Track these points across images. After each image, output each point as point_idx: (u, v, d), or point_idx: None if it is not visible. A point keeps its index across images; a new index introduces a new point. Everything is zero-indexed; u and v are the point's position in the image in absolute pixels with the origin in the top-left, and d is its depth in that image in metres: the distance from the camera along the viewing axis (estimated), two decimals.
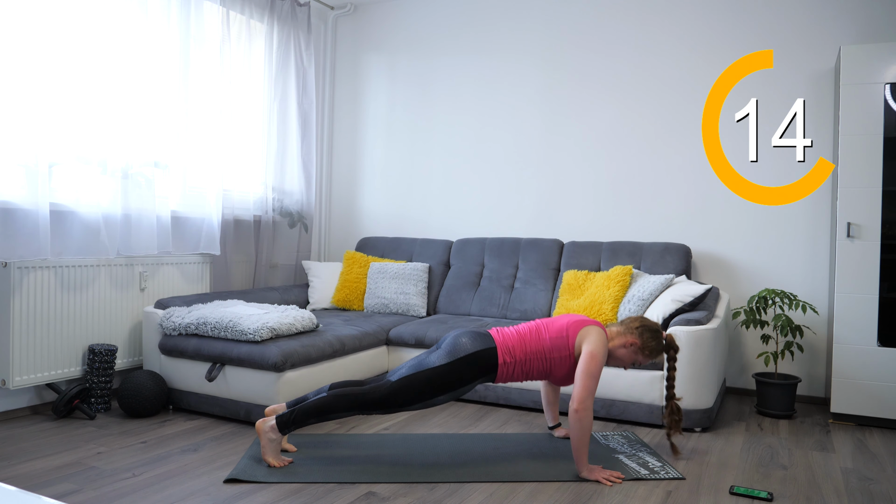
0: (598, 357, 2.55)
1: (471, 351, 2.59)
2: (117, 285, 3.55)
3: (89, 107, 3.36)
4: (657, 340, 2.70)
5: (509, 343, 2.64)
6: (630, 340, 2.68)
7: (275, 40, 4.50)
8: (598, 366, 2.54)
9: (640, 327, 2.70)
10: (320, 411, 2.55)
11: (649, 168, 4.19)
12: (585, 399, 2.50)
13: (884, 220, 3.32)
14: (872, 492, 2.47)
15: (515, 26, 4.59)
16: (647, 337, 2.68)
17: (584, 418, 2.49)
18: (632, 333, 2.69)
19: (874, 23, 3.68)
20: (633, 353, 2.69)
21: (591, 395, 2.51)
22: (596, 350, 2.56)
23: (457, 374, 2.57)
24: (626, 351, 2.69)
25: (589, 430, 2.51)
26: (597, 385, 2.54)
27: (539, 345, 2.64)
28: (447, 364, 2.56)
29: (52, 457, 2.65)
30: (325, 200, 5.20)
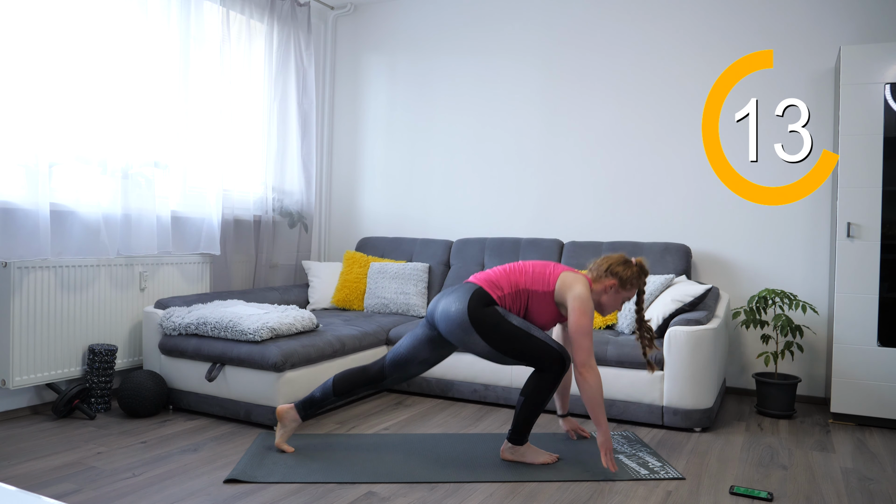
0: (587, 310, 2.56)
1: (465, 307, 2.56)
2: (117, 285, 3.55)
3: (89, 107, 3.36)
4: (630, 269, 2.69)
5: (493, 278, 2.67)
6: (608, 283, 2.68)
7: (275, 40, 4.50)
8: (589, 320, 2.55)
9: (608, 267, 2.69)
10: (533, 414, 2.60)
11: (649, 168, 4.19)
12: (586, 359, 2.52)
13: (884, 220, 3.32)
14: (872, 492, 2.48)
15: (515, 26, 4.59)
16: (620, 271, 2.67)
17: (588, 377, 2.51)
18: (606, 276, 2.69)
19: (874, 23, 3.68)
20: (617, 293, 2.69)
21: (589, 353, 2.53)
22: (582, 305, 2.56)
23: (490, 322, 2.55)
24: (609, 295, 2.69)
25: (599, 389, 2.52)
26: (592, 341, 2.55)
27: (522, 278, 2.66)
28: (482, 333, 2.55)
29: (52, 457, 2.65)
30: (325, 200, 5.20)
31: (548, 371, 2.58)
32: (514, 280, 2.67)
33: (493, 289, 2.64)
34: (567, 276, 2.65)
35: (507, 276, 2.68)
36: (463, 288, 2.65)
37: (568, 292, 2.60)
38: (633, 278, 2.69)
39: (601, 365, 3.32)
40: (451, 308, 2.60)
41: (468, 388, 3.63)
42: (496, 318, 2.56)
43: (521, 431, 2.64)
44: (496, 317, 2.57)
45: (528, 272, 2.68)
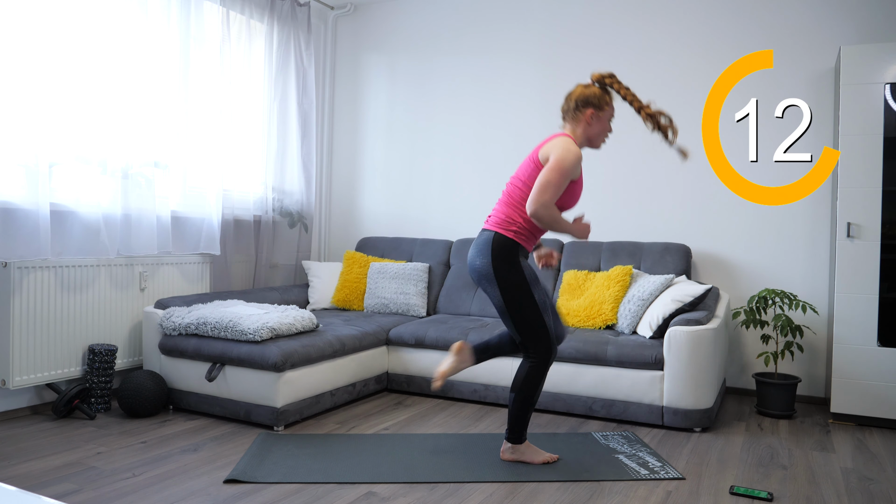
0: (564, 164, 2.43)
1: (489, 261, 2.52)
2: (117, 285, 3.55)
3: (89, 107, 3.36)
4: (593, 90, 2.58)
5: (501, 216, 2.57)
6: (585, 116, 2.57)
7: (275, 40, 4.50)
8: (560, 173, 2.43)
9: (576, 99, 2.58)
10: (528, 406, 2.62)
11: (649, 168, 4.19)
12: (537, 199, 2.42)
13: (884, 220, 3.32)
14: (872, 492, 2.48)
15: (515, 26, 4.59)
16: (588, 96, 2.57)
17: (540, 214, 2.43)
18: (579, 111, 2.58)
19: (874, 23, 3.68)
20: (598, 120, 2.58)
21: (542, 195, 2.42)
22: (562, 157, 2.44)
23: (512, 282, 2.51)
24: (592, 125, 2.58)
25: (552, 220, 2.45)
26: (555, 193, 2.43)
27: (523, 192, 2.54)
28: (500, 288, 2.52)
29: (52, 457, 2.65)
30: (325, 200, 5.20)
31: (534, 355, 2.58)
32: (518, 201, 2.55)
33: (508, 226, 2.54)
34: (547, 145, 2.52)
35: (511, 203, 2.56)
36: (482, 237, 2.58)
37: (550, 153, 2.48)
38: (601, 96, 2.58)
39: (601, 365, 3.32)
40: (475, 261, 2.58)
41: (468, 388, 3.63)
42: (520, 278, 2.51)
43: (517, 429, 2.65)
44: (520, 277, 2.52)
45: (521, 182, 2.56)
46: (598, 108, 2.59)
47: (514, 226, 2.54)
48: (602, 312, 3.67)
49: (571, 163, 2.46)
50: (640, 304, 3.53)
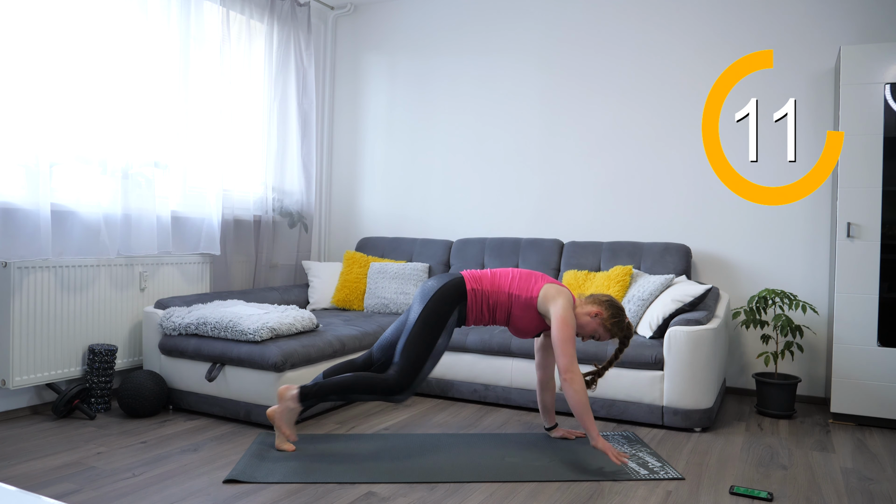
0: (569, 321, 2.62)
1: (438, 286, 2.71)
2: (117, 285, 3.55)
3: (89, 107, 3.36)
4: (620, 318, 2.74)
5: (477, 275, 2.78)
6: (595, 310, 2.73)
7: (275, 40, 4.50)
8: (571, 329, 2.62)
9: (607, 301, 2.76)
10: (343, 391, 2.65)
11: (649, 168, 4.19)
12: (569, 364, 2.57)
13: (884, 220, 3.32)
14: (872, 492, 2.48)
15: (515, 26, 4.59)
16: (612, 312, 2.74)
17: (572, 382, 2.55)
18: (599, 304, 2.75)
19: (874, 23, 3.68)
20: (596, 324, 2.73)
21: (572, 359, 2.57)
22: (565, 314, 2.62)
23: (435, 313, 2.67)
24: (590, 320, 2.73)
25: (584, 394, 2.56)
26: (575, 348, 2.61)
27: (507, 282, 2.75)
28: (425, 307, 2.67)
29: (52, 457, 2.65)
30: (325, 200, 5.20)
31: (393, 378, 2.63)
32: (498, 282, 2.76)
33: (473, 282, 2.74)
34: (550, 287, 2.72)
35: (493, 278, 2.78)
36: (448, 274, 2.81)
37: (551, 303, 2.67)
38: (616, 325, 2.74)
39: None
40: (430, 282, 2.78)
41: (468, 388, 3.63)
42: (444, 318, 2.68)
43: (313, 394, 2.65)
44: (445, 318, 2.69)
45: (514, 278, 2.77)
46: (604, 321, 2.74)
47: (478, 286, 2.75)
48: None
49: (572, 316, 2.66)
50: (640, 304, 3.53)
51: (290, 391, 2.69)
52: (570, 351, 2.58)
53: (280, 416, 2.71)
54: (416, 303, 2.73)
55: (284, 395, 2.70)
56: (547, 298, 2.68)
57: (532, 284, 2.73)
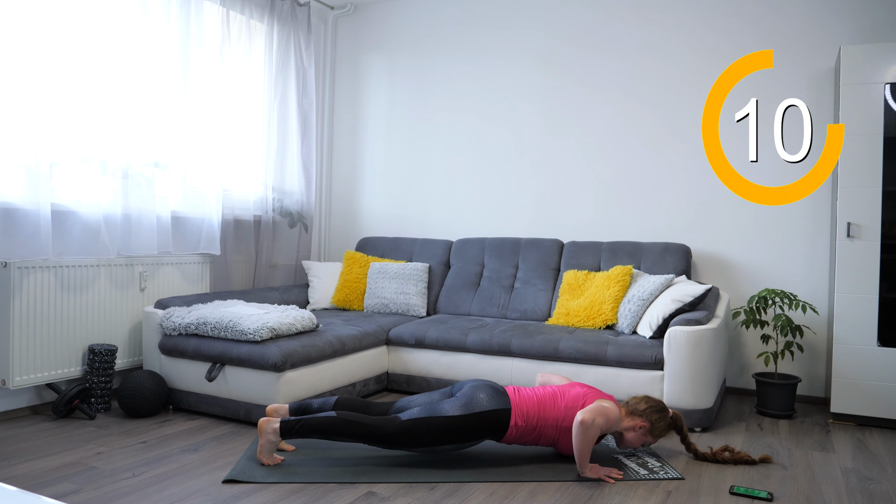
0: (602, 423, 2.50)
1: (486, 409, 2.56)
2: (117, 285, 3.55)
3: (89, 107, 3.36)
4: (664, 420, 2.68)
5: (525, 406, 2.60)
6: (638, 423, 2.66)
7: (275, 40, 4.50)
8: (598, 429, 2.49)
9: (647, 409, 2.67)
10: (325, 431, 2.53)
11: (649, 168, 4.19)
12: (595, 417, 2.47)
13: (884, 220, 3.32)
14: (872, 492, 2.47)
15: (515, 26, 4.59)
16: (655, 418, 2.67)
17: (589, 431, 2.47)
18: (640, 416, 2.67)
19: (874, 23, 3.68)
20: (643, 436, 2.67)
21: (593, 422, 2.47)
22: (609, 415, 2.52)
23: (467, 428, 2.54)
24: (636, 434, 2.66)
25: (593, 442, 2.50)
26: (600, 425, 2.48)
27: (555, 412, 2.61)
28: (460, 416, 2.53)
29: (52, 457, 2.65)
30: (325, 200, 5.20)
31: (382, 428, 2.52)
32: (544, 415, 2.60)
33: (519, 417, 2.58)
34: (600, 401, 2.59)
35: (539, 408, 2.61)
36: (503, 396, 2.61)
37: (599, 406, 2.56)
38: (663, 430, 2.68)
39: (602, 365, 3.32)
40: (482, 392, 2.60)
41: None
42: (468, 437, 2.56)
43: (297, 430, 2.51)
44: (469, 437, 2.56)
45: (559, 407, 2.61)
46: (651, 430, 2.67)
47: (522, 422, 2.58)
48: (602, 312, 3.67)
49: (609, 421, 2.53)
50: (640, 304, 3.53)
51: (270, 425, 2.54)
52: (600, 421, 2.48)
53: (260, 449, 2.57)
54: (459, 403, 2.56)
55: (265, 429, 2.54)
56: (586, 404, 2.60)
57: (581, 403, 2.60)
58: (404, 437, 2.53)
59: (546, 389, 2.68)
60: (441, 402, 2.59)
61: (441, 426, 2.52)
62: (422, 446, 2.56)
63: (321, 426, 2.52)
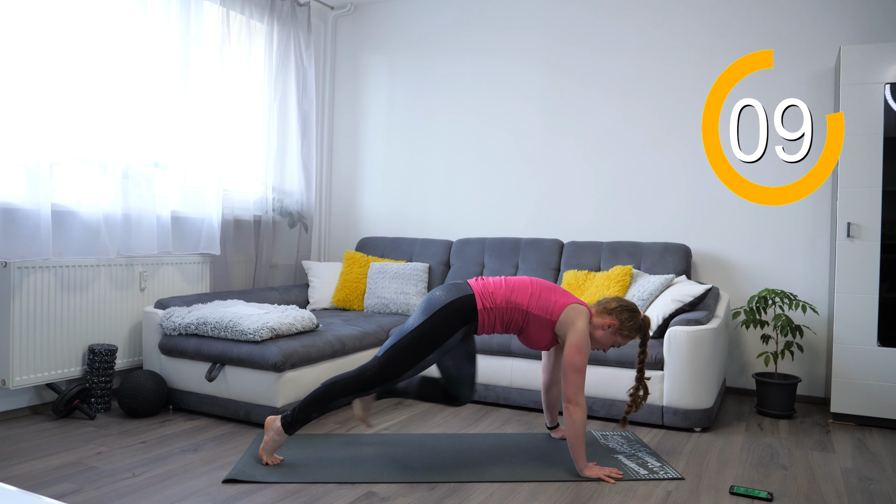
0: (584, 349, 2.52)
1: (447, 301, 2.55)
2: (117, 285, 3.55)
3: (89, 107, 3.36)
4: (634, 320, 2.65)
5: (490, 289, 2.60)
6: (608, 322, 2.63)
7: (275, 40, 4.50)
8: (584, 358, 2.52)
9: (617, 307, 2.65)
10: (318, 402, 2.54)
11: (649, 168, 4.19)
12: (575, 395, 2.50)
13: (884, 220, 3.32)
14: (872, 492, 2.47)
15: (515, 26, 4.59)
16: (625, 317, 2.63)
17: (574, 412, 2.50)
18: (609, 314, 2.64)
19: (874, 23, 3.68)
20: (612, 335, 2.65)
21: (578, 389, 2.50)
22: (581, 341, 2.52)
23: (437, 329, 2.53)
24: (605, 332, 2.64)
25: (582, 426, 2.50)
26: (584, 378, 2.52)
27: (526, 299, 2.60)
28: (425, 321, 2.54)
29: (52, 457, 2.65)
30: (325, 200, 5.20)
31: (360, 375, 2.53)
32: (514, 298, 2.59)
33: (485, 298, 2.57)
34: (571, 310, 2.59)
35: (508, 292, 2.60)
36: (459, 287, 2.62)
37: (570, 327, 2.56)
38: (632, 329, 2.65)
39: (602, 365, 3.32)
40: (438, 293, 2.61)
41: None
42: (442, 338, 2.54)
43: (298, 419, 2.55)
44: (443, 338, 2.54)
45: (533, 293, 2.61)
46: (619, 329, 2.64)
47: (489, 303, 2.58)
48: None
49: (588, 343, 2.56)
50: (640, 304, 3.53)
51: (275, 423, 2.58)
52: (579, 381, 2.49)
53: (263, 445, 2.60)
54: (420, 311, 2.58)
55: (270, 426, 2.59)
56: (566, 323, 2.57)
57: (552, 304, 2.59)
58: (387, 369, 2.52)
59: (517, 278, 2.69)
60: (406, 322, 2.61)
61: (413, 340, 2.52)
62: (409, 369, 2.54)
63: (313, 400, 2.54)
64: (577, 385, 2.50)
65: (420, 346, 2.53)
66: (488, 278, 2.68)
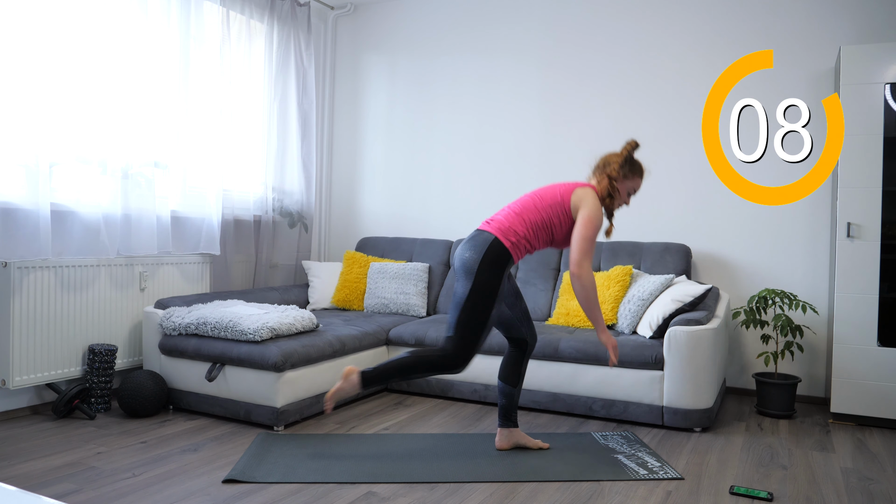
0: (595, 221, 2.60)
1: (480, 258, 2.58)
2: (117, 285, 3.56)
3: (89, 107, 3.36)
4: (623, 157, 2.73)
5: (507, 225, 2.64)
6: (605, 176, 2.72)
7: (275, 40, 4.50)
8: (595, 229, 2.60)
9: (603, 163, 2.75)
10: (405, 371, 2.60)
11: (649, 168, 4.18)
12: (581, 260, 2.57)
13: (884, 220, 3.32)
14: (872, 492, 2.48)
15: (515, 26, 4.59)
16: (615, 163, 2.71)
17: (583, 277, 2.56)
18: (601, 172, 2.74)
19: (874, 23, 3.68)
20: (615, 187, 2.71)
21: (586, 255, 2.58)
22: (592, 213, 2.60)
23: (487, 284, 2.56)
24: (608, 188, 2.72)
25: (593, 290, 2.58)
26: (592, 247, 2.59)
27: (538, 215, 2.66)
28: (473, 284, 2.57)
29: (52, 457, 2.65)
30: (325, 200, 5.20)
31: (449, 351, 2.57)
32: (529, 219, 2.65)
33: (508, 235, 2.61)
34: (578, 192, 2.66)
35: (521, 217, 2.66)
36: (480, 237, 2.64)
37: (581, 205, 2.63)
38: (627, 166, 2.72)
39: (602, 365, 3.32)
40: (465, 253, 2.63)
41: (468, 388, 3.63)
42: (494, 287, 2.58)
43: (377, 378, 2.61)
44: (494, 286, 2.58)
45: (542, 205, 2.67)
46: (619, 174, 2.72)
47: (513, 237, 2.62)
48: (602, 312, 3.67)
49: (600, 217, 2.65)
50: (640, 304, 3.53)
51: (352, 374, 2.63)
52: (587, 247, 2.57)
53: (334, 393, 2.63)
54: (461, 277, 2.60)
55: (348, 376, 2.64)
56: (577, 204, 2.64)
57: (561, 202, 2.65)
58: (466, 340, 2.56)
59: (519, 201, 2.73)
60: (455, 293, 2.63)
61: (473, 306, 2.56)
62: (483, 331, 2.58)
63: (401, 368, 2.59)
64: (584, 250, 2.58)
65: (481, 307, 2.57)
66: (497, 215, 2.71)
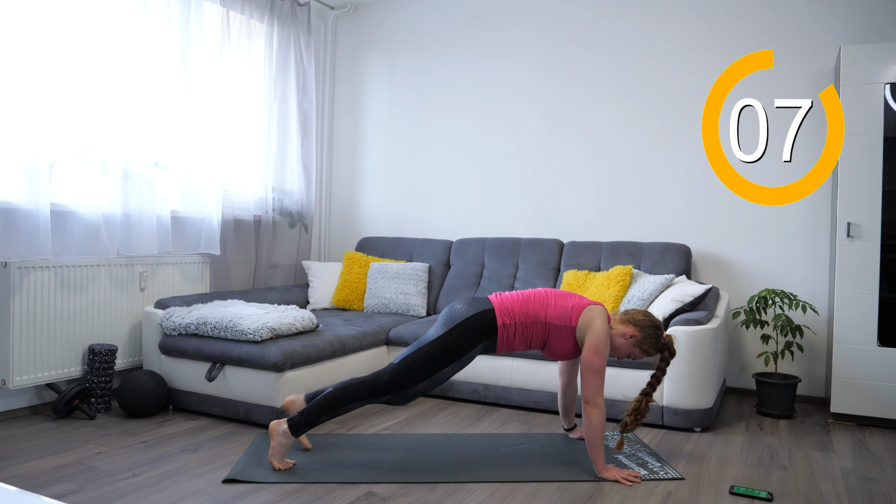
0: (602, 351, 2.52)
1: (466, 315, 2.56)
2: (117, 285, 3.55)
3: (89, 107, 3.36)
4: (657, 338, 2.64)
5: (508, 305, 2.60)
6: (630, 332, 2.62)
7: (275, 40, 4.50)
8: (602, 360, 2.51)
9: (643, 320, 2.64)
10: (330, 406, 2.53)
11: (649, 168, 4.19)
12: (593, 396, 2.50)
13: (884, 220, 3.32)
14: (872, 492, 2.47)
15: (515, 26, 4.59)
16: (648, 332, 2.62)
17: (592, 414, 2.49)
18: (634, 325, 2.63)
19: (874, 23, 3.68)
20: (632, 346, 2.64)
21: (596, 391, 2.50)
22: (599, 343, 2.52)
23: (456, 342, 2.53)
24: (625, 342, 2.63)
25: (601, 427, 2.50)
26: (603, 380, 2.51)
27: (543, 309, 2.60)
28: (446, 333, 2.54)
29: (52, 457, 2.65)
30: (325, 200, 5.20)
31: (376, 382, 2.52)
32: (532, 311, 2.60)
33: (504, 315, 2.58)
34: (588, 312, 2.59)
35: (525, 305, 2.61)
36: (480, 302, 2.63)
37: (588, 329, 2.56)
38: (653, 347, 2.64)
39: None
40: (459, 306, 2.61)
41: (468, 388, 3.63)
42: (461, 352, 2.55)
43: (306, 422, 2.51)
44: (462, 352, 2.55)
45: (549, 303, 2.62)
46: (640, 342, 2.64)
47: (509, 319, 2.59)
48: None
49: (607, 343, 2.56)
50: (640, 304, 3.53)
51: (280, 426, 2.54)
52: (597, 383, 2.49)
53: (272, 452, 2.55)
54: (440, 324, 2.59)
55: (276, 431, 2.54)
56: (584, 326, 2.57)
57: (568, 311, 2.59)
58: (403, 377, 2.52)
59: (533, 291, 2.68)
60: (426, 333, 2.58)
61: (431, 351, 2.52)
62: (424, 379, 2.53)
63: (324, 405, 2.52)
64: (595, 387, 2.50)
65: (438, 359, 2.53)
66: (507, 293, 2.67)
